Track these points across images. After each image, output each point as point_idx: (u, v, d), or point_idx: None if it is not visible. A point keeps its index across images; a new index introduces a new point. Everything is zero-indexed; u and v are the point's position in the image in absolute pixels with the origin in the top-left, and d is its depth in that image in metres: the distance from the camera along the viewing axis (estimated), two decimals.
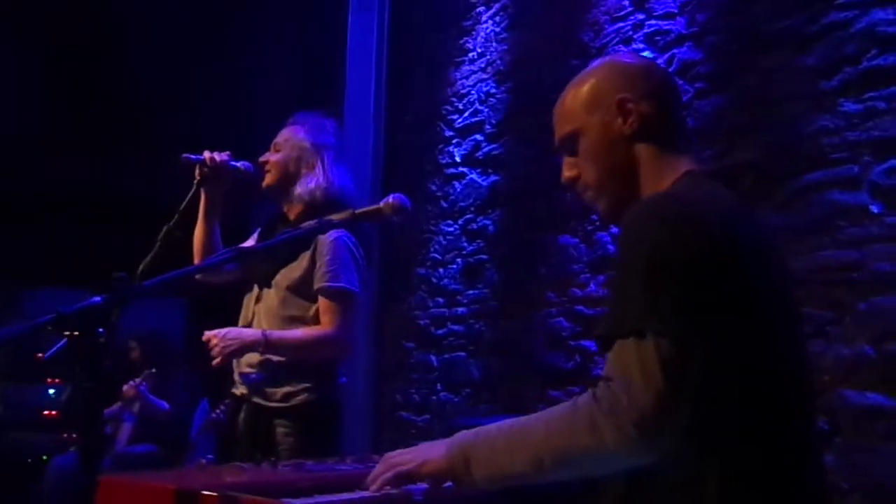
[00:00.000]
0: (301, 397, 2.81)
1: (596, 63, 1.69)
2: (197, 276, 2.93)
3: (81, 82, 6.28)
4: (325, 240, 2.85)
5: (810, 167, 3.44)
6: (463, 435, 1.49)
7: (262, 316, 2.92)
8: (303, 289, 2.86)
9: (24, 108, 6.02)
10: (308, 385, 2.82)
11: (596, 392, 1.31)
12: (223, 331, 2.78)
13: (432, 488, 1.50)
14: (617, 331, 1.34)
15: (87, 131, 6.27)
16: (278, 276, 2.89)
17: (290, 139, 3.05)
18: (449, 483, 1.48)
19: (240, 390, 2.92)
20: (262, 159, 3.04)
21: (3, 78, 5.89)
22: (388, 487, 1.52)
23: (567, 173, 1.67)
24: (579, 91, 1.64)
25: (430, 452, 1.51)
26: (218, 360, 2.77)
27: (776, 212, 3.49)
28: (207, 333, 2.78)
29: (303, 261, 2.87)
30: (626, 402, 1.26)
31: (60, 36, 6.09)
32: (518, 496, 1.55)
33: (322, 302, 2.84)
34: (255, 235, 3.12)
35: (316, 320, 2.85)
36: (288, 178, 3.00)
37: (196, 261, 2.98)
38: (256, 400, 2.85)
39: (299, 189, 2.96)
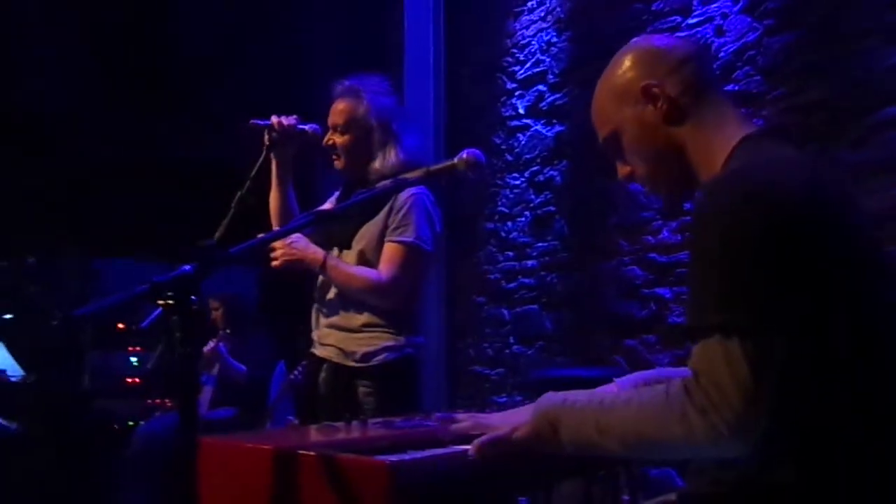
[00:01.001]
0: (381, 357, 2.84)
1: (615, 57, 1.66)
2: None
3: (145, 54, 6.33)
4: (403, 195, 2.86)
5: (884, 103, 3.35)
6: (549, 398, 1.49)
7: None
8: (379, 245, 2.88)
9: (91, 79, 6.10)
10: (388, 345, 2.85)
11: (688, 385, 1.30)
12: (291, 237, 2.83)
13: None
14: (700, 326, 1.32)
15: (153, 101, 6.33)
16: (357, 236, 2.91)
17: (353, 118, 2.97)
18: (534, 447, 1.49)
19: (320, 351, 2.95)
20: (327, 141, 3.00)
21: (73, 51, 5.98)
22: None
23: (621, 173, 1.66)
24: (607, 89, 1.64)
25: (518, 418, 1.53)
26: (278, 262, 2.86)
27: (850, 149, 3.40)
28: (276, 243, 2.84)
29: (380, 217, 2.89)
30: (717, 401, 1.26)
31: (116, 7, 6.14)
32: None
33: (386, 250, 2.85)
34: (333, 199, 3.13)
35: None
36: (360, 159, 2.97)
37: (274, 226, 3.01)
38: (337, 360, 2.88)
39: (377, 165, 2.94)
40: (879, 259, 1.44)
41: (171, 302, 1.42)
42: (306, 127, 2.97)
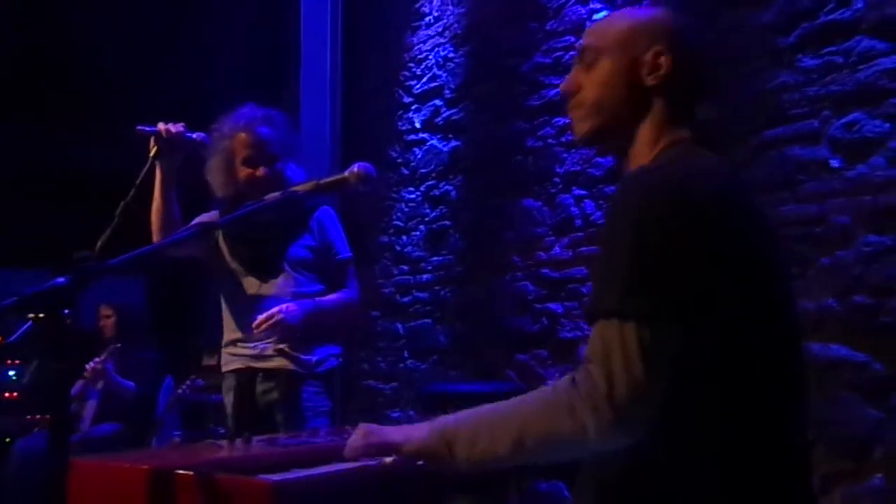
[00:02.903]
0: (327, 364, 3.05)
1: (657, 9, 1.67)
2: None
3: (35, 57, 6.13)
4: (318, 215, 3.05)
5: (770, 123, 3.46)
6: (444, 419, 1.48)
7: (271, 296, 2.96)
8: (312, 266, 3.02)
9: None
10: (333, 351, 3.08)
11: (576, 376, 1.31)
12: (284, 307, 2.83)
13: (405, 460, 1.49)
14: (599, 309, 1.33)
15: (40, 107, 6.13)
16: (290, 260, 2.99)
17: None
18: (429, 463, 1.47)
19: (255, 363, 2.98)
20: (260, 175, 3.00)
21: None
22: (364, 459, 1.52)
23: (567, 84, 1.64)
24: (623, 19, 1.63)
25: (413, 432, 1.50)
26: (286, 338, 2.90)
27: (737, 168, 3.50)
28: (264, 315, 2.83)
29: (305, 240, 3.02)
30: (604, 389, 1.27)
31: (11, 8, 5.93)
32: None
33: (340, 269, 3.07)
34: (215, 213, 3.09)
35: (321, 294, 3.01)
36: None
37: (155, 236, 2.93)
38: (289, 368, 2.95)
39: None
40: (780, 270, 1.49)
41: (41, 315, 1.36)
42: (194, 135, 2.89)
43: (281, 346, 2.94)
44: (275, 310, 2.81)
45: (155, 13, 6.15)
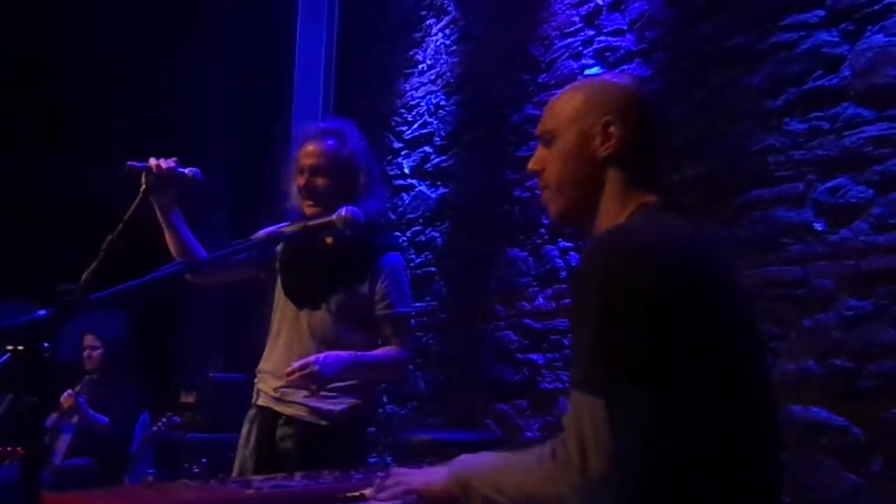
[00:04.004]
0: (350, 415, 2.78)
1: (604, 76, 1.72)
2: (188, 278, 2.83)
3: (25, 85, 6.14)
4: (389, 264, 2.83)
5: (756, 184, 3.49)
6: (461, 461, 1.61)
7: (303, 331, 2.83)
8: (356, 311, 2.81)
9: None
10: (359, 402, 2.80)
11: (555, 445, 1.39)
12: (322, 357, 2.62)
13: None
14: (573, 379, 1.38)
15: (27, 134, 6.13)
16: (333, 299, 2.80)
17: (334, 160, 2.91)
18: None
19: (279, 407, 2.82)
20: (299, 184, 2.85)
21: None
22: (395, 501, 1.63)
23: (533, 164, 1.67)
24: (574, 95, 1.65)
25: (434, 475, 1.63)
26: (315, 388, 2.67)
27: (722, 228, 3.53)
28: (299, 364, 2.60)
29: (360, 283, 2.81)
30: (577, 461, 1.34)
31: (3, 36, 5.95)
32: None
33: (392, 326, 2.83)
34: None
35: (363, 346, 2.81)
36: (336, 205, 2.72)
37: None
38: (309, 419, 2.77)
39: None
40: (751, 332, 1.50)
41: (20, 348, 1.35)
42: (186, 171, 2.86)
43: (305, 395, 2.76)
44: (311, 359, 2.60)
45: (147, 48, 6.19)
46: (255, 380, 2.94)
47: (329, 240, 2.74)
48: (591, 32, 4.37)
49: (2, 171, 6.16)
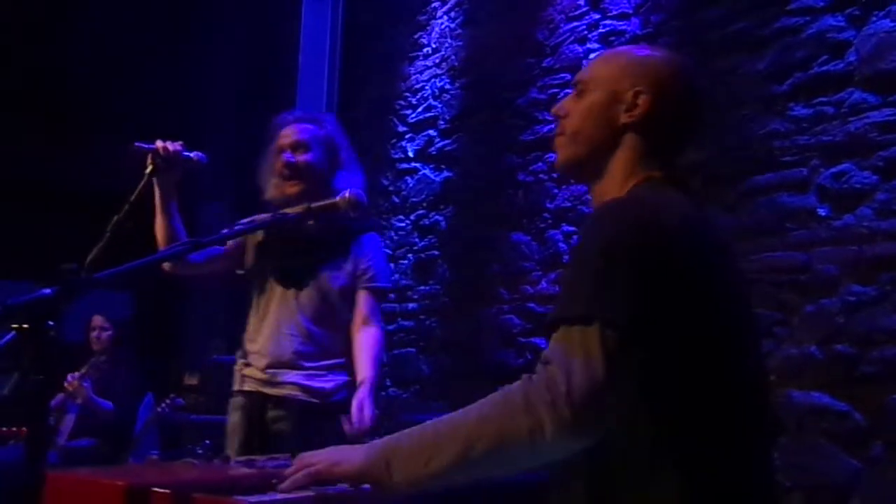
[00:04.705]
0: (340, 395, 2.83)
1: (654, 50, 1.70)
2: (165, 267, 2.87)
3: (31, 70, 6.13)
4: (368, 242, 2.92)
5: (760, 169, 3.49)
6: (387, 437, 1.43)
7: (290, 310, 2.88)
8: (341, 290, 2.89)
9: None
10: (350, 379, 2.85)
11: (532, 375, 1.30)
12: (358, 420, 2.61)
13: (356, 489, 1.43)
14: (563, 316, 1.33)
15: (34, 119, 6.13)
16: (315, 275, 2.87)
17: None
18: (366, 485, 1.41)
19: (269, 389, 2.85)
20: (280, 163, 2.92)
21: None
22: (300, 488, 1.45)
23: (557, 109, 1.69)
24: (618, 58, 1.68)
25: (347, 454, 1.45)
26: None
27: (725, 213, 3.53)
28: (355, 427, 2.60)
29: (342, 262, 2.88)
30: (563, 385, 1.24)
31: (8, 22, 5.94)
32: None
33: (369, 300, 2.89)
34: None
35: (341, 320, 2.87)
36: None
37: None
38: (304, 398, 2.81)
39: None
40: (746, 315, 1.51)
41: (25, 326, 1.36)
42: (191, 154, 2.88)
43: (297, 373, 2.82)
44: (356, 417, 2.60)
45: (153, 32, 6.18)
46: (237, 367, 2.96)
47: (311, 221, 2.77)
48: (597, 16, 4.36)
49: (5, 159, 6.18)
